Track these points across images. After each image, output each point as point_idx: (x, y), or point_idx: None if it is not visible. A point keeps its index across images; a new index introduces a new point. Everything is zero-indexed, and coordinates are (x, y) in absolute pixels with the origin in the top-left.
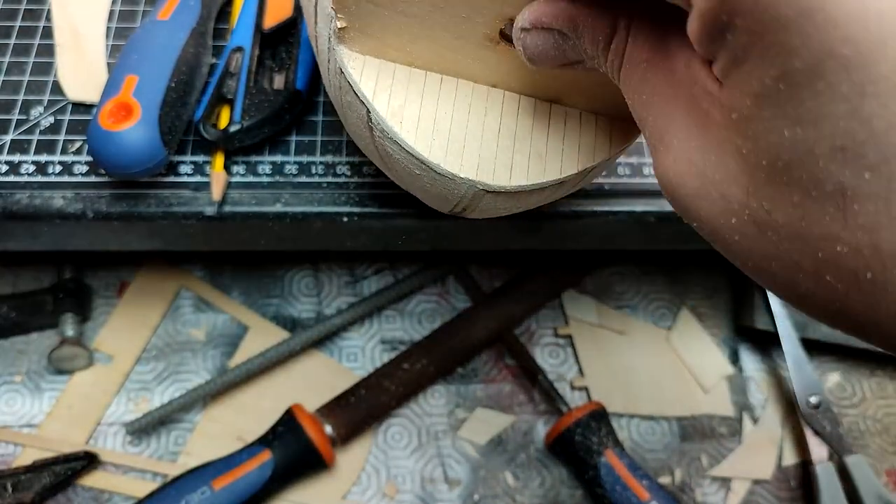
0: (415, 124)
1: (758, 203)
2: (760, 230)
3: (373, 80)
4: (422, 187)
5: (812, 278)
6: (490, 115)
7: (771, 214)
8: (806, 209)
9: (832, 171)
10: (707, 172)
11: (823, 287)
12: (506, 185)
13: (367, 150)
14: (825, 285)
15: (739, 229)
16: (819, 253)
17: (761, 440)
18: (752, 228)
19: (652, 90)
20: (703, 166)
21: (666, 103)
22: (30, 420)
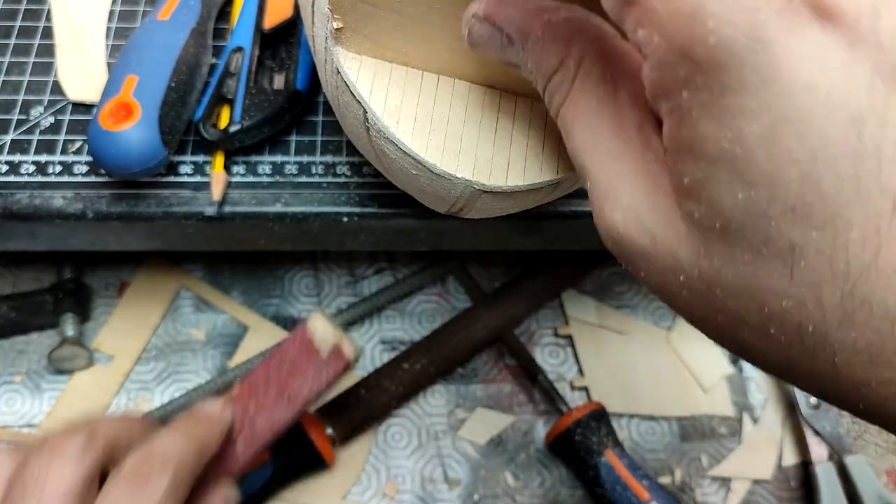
0: (411, 124)
1: (708, 262)
2: (708, 287)
3: (369, 80)
4: (419, 187)
5: (757, 331)
6: (487, 115)
7: (720, 272)
8: (756, 266)
9: (783, 230)
10: (656, 233)
11: (768, 340)
12: (502, 186)
13: (364, 150)
14: (770, 338)
15: (687, 286)
16: (765, 308)
17: (761, 440)
18: (699, 286)
19: (597, 142)
20: (652, 227)
21: (613, 159)
22: (30, 420)
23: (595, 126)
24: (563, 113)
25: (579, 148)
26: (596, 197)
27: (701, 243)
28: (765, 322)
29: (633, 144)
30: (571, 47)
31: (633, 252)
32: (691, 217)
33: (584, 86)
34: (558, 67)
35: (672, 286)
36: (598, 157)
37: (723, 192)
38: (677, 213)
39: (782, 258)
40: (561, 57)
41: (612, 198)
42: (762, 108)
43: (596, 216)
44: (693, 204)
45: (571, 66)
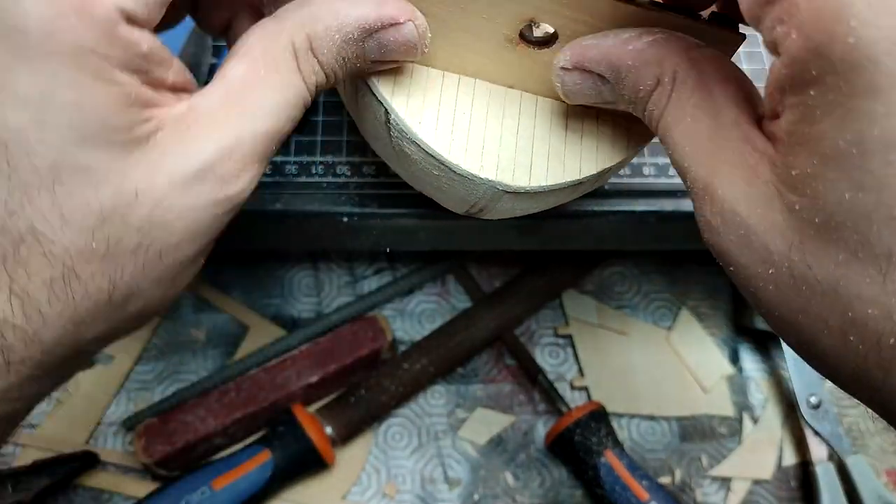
0: (434, 124)
1: (800, 257)
2: (796, 283)
3: (391, 81)
4: (439, 188)
5: (836, 335)
6: (508, 116)
7: (811, 269)
8: (849, 268)
9: (884, 236)
10: (751, 224)
11: (845, 347)
12: (525, 186)
13: (384, 151)
14: (847, 345)
15: (775, 280)
16: (849, 312)
17: (761, 440)
18: (787, 280)
19: (695, 143)
20: (748, 217)
21: (710, 157)
22: (30, 420)
23: (693, 129)
24: (662, 125)
25: (678, 153)
26: (696, 193)
27: (796, 236)
28: (846, 327)
29: (731, 140)
30: (663, 64)
31: (727, 243)
32: (791, 208)
33: (681, 95)
34: (655, 86)
35: (760, 280)
36: (697, 156)
37: (830, 190)
38: (776, 203)
39: (877, 265)
40: (656, 76)
41: (710, 192)
42: (887, 114)
43: (697, 215)
44: (796, 196)
45: (667, 80)
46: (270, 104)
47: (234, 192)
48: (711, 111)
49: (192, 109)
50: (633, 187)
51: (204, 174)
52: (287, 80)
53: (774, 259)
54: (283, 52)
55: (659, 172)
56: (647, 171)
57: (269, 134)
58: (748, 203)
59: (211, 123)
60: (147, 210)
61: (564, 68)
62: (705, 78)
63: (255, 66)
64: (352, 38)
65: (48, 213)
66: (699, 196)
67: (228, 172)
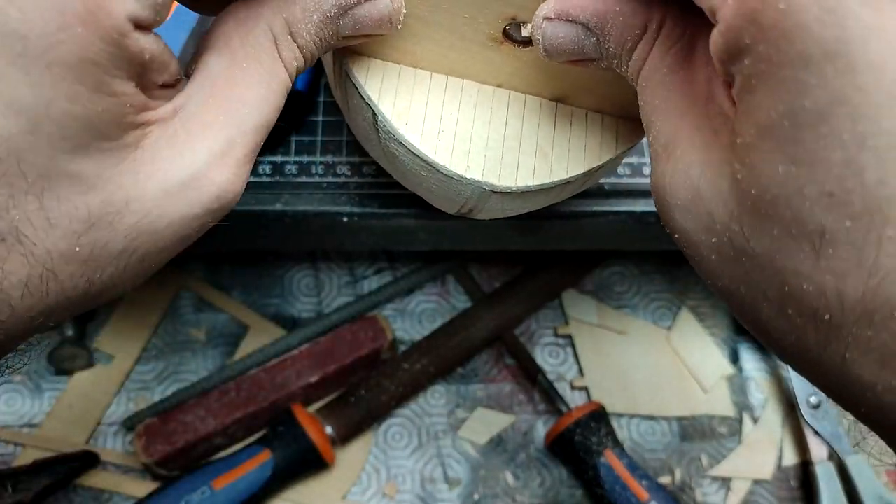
0: (420, 125)
1: (739, 228)
2: (736, 254)
3: (378, 82)
4: (428, 188)
5: (775, 308)
6: (496, 116)
7: (749, 242)
8: (783, 244)
9: (816, 213)
10: (700, 188)
11: (785, 319)
12: (512, 186)
13: (374, 152)
14: (786, 318)
15: (717, 249)
16: (786, 287)
17: (761, 440)
18: (728, 250)
19: (666, 97)
20: (698, 181)
21: (678, 113)
22: (30, 420)
23: (668, 83)
24: (642, 76)
25: (648, 104)
26: (655, 150)
27: (737, 206)
28: (784, 301)
29: (699, 100)
30: (652, 9)
31: (674, 204)
32: (734, 178)
33: (663, 45)
34: (642, 34)
35: (703, 247)
36: (664, 112)
37: (765, 162)
38: (725, 170)
39: (811, 241)
40: (644, 21)
41: (669, 150)
42: (818, 85)
43: (652, 170)
44: (739, 165)
45: (654, 27)
46: (256, 98)
47: (229, 199)
48: (689, 65)
49: (179, 111)
50: (633, 187)
51: (197, 181)
52: (270, 70)
53: (717, 228)
54: (261, 39)
55: None
56: (647, 171)
57: (258, 130)
58: (702, 166)
59: (200, 126)
60: (137, 218)
61: (547, 17)
62: (691, 29)
63: (236, 58)
64: (329, 17)
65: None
66: (658, 153)
67: (222, 177)
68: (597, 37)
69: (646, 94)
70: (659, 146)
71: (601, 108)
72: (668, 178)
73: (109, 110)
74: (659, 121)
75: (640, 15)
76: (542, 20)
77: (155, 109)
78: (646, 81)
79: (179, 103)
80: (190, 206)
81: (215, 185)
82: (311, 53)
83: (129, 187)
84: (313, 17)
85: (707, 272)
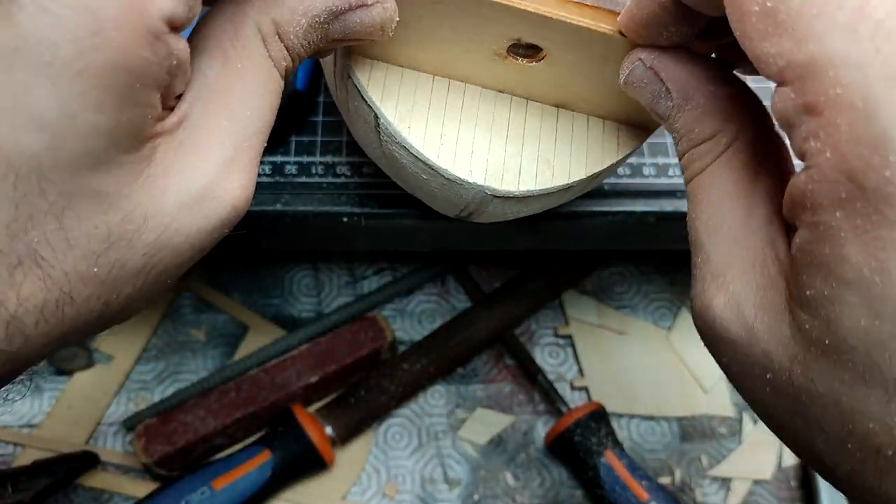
0: (423, 129)
1: (803, 371)
2: (795, 392)
3: (380, 85)
4: (429, 192)
5: (833, 442)
6: (498, 120)
7: (813, 383)
8: (853, 388)
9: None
10: (756, 329)
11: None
12: (514, 191)
13: (374, 154)
14: (844, 451)
15: (772, 384)
16: (850, 425)
17: (761, 440)
18: (786, 388)
19: (722, 222)
20: (753, 323)
21: (732, 243)
22: (30, 420)
23: (726, 206)
24: (697, 181)
25: (701, 221)
26: (703, 274)
27: (802, 352)
28: (845, 437)
29: (757, 238)
30: (729, 123)
31: (724, 339)
32: (801, 326)
33: (729, 164)
34: (709, 138)
35: (755, 381)
36: (720, 237)
37: (846, 315)
38: (785, 318)
39: (884, 388)
40: (716, 130)
41: (721, 281)
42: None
43: (695, 293)
44: (808, 316)
45: (724, 142)
46: (255, 100)
47: (242, 206)
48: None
49: (184, 120)
50: (633, 187)
51: (211, 192)
52: (264, 70)
53: (774, 367)
54: (251, 40)
55: (659, 172)
56: (647, 171)
57: (261, 133)
58: (757, 308)
59: (205, 135)
60: (155, 235)
61: (642, 61)
62: (760, 162)
63: (228, 59)
64: (318, 21)
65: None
66: (704, 277)
67: (234, 185)
68: (673, 106)
69: (698, 207)
70: (709, 272)
71: (602, 115)
72: (717, 309)
73: (133, 122)
74: (710, 244)
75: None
76: (637, 59)
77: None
78: (700, 191)
79: (183, 112)
80: (206, 219)
81: (229, 194)
82: (298, 55)
83: (146, 203)
84: (301, 21)
85: (759, 402)
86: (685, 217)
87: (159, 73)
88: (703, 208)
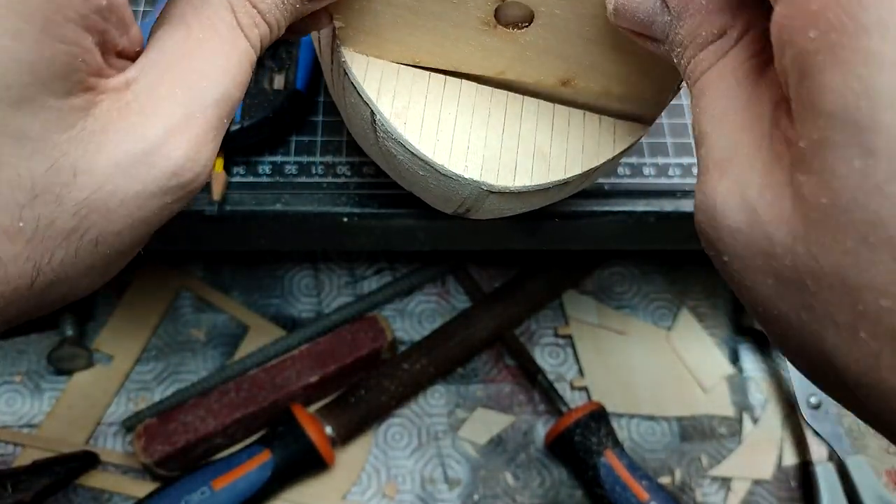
0: (419, 125)
1: (805, 248)
2: (800, 277)
3: (376, 81)
4: (426, 188)
5: (843, 333)
6: (494, 116)
7: (817, 259)
8: (858, 255)
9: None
10: (758, 210)
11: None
12: (510, 186)
13: (371, 151)
14: (857, 342)
15: (774, 273)
16: (860, 305)
17: (761, 440)
18: (790, 274)
19: (728, 109)
20: (756, 203)
21: (738, 128)
22: (30, 420)
23: (733, 95)
24: (703, 81)
25: (707, 112)
26: (706, 165)
27: (802, 224)
28: (855, 322)
29: (763, 120)
30: (736, 18)
31: (724, 228)
32: (799, 191)
33: (738, 56)
34: (718, 36)
35: (756, 273)
36: (725, 124)
37: (837, 158)
38: (787, 190)
39: (891, 247)
40: (725, 26)
41: (723, 167)
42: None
43: (698, 185)
44: (804, 174)
45: (734, 35)
46: (215, 71)
47: (189, 178)
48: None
49: (131, 83)
50: (633, 187)
51: (151, 156)
52: (229, 41)
53: (777, 252)
54: (217, 10)
55: (659, 172)
56: (647, 171)
57: (219, 104)
58: (760, 188)
59: (154, 100)
60: (86, 193)
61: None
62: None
63: (191, 29)
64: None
65: None
66: (708, 167)
67: (178, 152)
68: (672, 18)
69: (704, 101)
70: (711, 160)
71: (607, 90)
72: (719, 196)
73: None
74: (715, 133)
75: (724, 16)
76: None
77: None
78: (707, 87)
79: (132, 75)
80: (144, 184)
81: (171, 161)
82: (275, 20)
83: (77, 157)
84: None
85: (759, 298)
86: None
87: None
88: (710, 101)
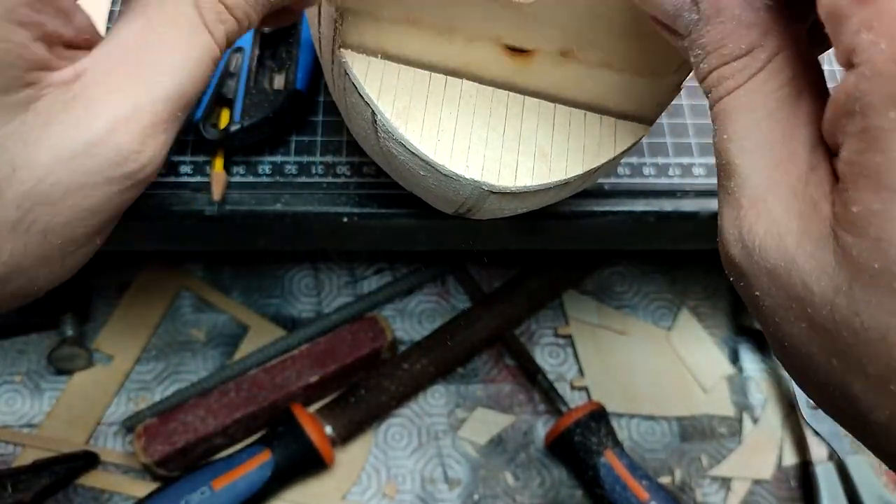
0: (420, 125)
1: (847, 303)
2: (836, 327)
3: (377, 81)
4: (426, 188)
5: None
6: (495, 116)
7: (857, 315)
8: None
9: None
10: (796, 258)
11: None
12: (510, 186)
13: (372, 151)
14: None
15: (810, 320)
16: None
17: (761, 440)
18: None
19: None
20: (794, 251)
21: (773, 168)
22: (30, 420)
23: (766, 128)
24: (729, 101)
25: (737, 142)
26: (739, 200)
27: (846, 281)
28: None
29: (799, 162)
30: (767, 38)
31: (761, 269)
32: (846, 251)
33: (768, 82)
34: (744, 54)
35: (789, 314)
36: (759, 159)
37: None
38: (829, 244)
39: None
40: (752, 45)
41: (760, 207)
42: None
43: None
44: (854, 238)
45: (762, 57)
46: (171, 65)
47: (134, 168)
48: (791, 121)
49: (81, 74)
50: (633, 187)
51: (95, 148)
52: (189, 35)
53: (815, 300)
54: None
55: (659, 172)
56: (647, 171)
57: (172, 99)
58: (799, 236)
59: (103, 92)
60: (27, 186)
61: None
62: (801, 83)
63: (151, 22)
64: None
65: None
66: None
67: (125, 146)
68: (699, 19)
69: (732, 128)
70: (745, 197)
71: (608, 64)
72: (758, 238)
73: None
74: (747, 167)
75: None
76: None
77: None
78: (735, 112)
79: (82, 67)
80: (87, 174)
81: (113, 151)
82: (244, 14)
83: (15, 152)
84: None
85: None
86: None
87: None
88: (738, 129)
